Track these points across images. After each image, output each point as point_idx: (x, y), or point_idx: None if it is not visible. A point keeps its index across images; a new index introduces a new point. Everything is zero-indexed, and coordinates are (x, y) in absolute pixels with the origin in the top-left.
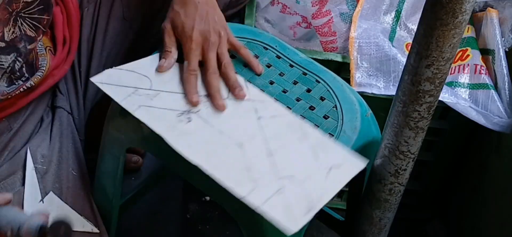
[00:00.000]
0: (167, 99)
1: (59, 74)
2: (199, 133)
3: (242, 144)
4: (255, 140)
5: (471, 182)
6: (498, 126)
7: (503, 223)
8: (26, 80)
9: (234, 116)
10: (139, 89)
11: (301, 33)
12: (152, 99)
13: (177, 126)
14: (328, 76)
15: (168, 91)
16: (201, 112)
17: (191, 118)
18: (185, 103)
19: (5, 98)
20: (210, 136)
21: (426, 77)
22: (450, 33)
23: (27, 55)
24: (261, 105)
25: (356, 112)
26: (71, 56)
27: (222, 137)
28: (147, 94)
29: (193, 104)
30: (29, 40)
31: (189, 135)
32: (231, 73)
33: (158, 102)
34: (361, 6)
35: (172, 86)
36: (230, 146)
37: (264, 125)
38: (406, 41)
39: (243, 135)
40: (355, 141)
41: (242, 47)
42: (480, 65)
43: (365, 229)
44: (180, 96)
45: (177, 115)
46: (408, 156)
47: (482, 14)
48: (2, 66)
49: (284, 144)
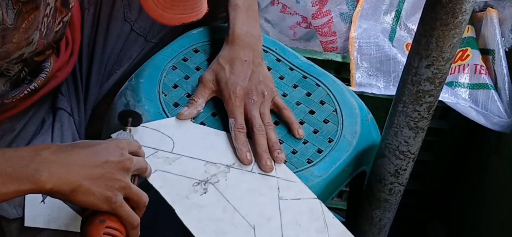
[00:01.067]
0: (187, 165)
1: (62, 76)
2: (212, 208)
3: (255, 227)
4: (270, 224)
5: (471, 182)
6: (498, 126)
7: (503, 223)
8: (30, 82)
9: (255, 193)
10: (159, 151)
11: (301, 33)
12: (170, 163)
13: (190, 197)
14: (328, 79)
15: (188, 157)
16: (220, 183)
17: (207, 189)
18: (203, 171)
19: (10, 101)
20: (223, 214)
21: (426, 77)
22: (450, 33)
23: (33, 66)
24: (285, 184)
25: (356, 116)
26: (73, 58)
27: (235, 216)
28: (167, 157)
29: (246, 163)
30: (38, 53)
31: (201, 208)
32: (272, 134)
33: (177, 167)
34: (361, 6)
35: (195, 152)
36: (243, 228)
37: (283, 208)
38: (406, 41)
39: (258, 217)
40: (355, 146)
41: (285, 108)
42: (480, 65)
43: (365, 229)
44: (200, 164)
45: (194, 184)
46: (408, 156)
47: (482, 14)
48: (8, 74)
49: (299, 235)
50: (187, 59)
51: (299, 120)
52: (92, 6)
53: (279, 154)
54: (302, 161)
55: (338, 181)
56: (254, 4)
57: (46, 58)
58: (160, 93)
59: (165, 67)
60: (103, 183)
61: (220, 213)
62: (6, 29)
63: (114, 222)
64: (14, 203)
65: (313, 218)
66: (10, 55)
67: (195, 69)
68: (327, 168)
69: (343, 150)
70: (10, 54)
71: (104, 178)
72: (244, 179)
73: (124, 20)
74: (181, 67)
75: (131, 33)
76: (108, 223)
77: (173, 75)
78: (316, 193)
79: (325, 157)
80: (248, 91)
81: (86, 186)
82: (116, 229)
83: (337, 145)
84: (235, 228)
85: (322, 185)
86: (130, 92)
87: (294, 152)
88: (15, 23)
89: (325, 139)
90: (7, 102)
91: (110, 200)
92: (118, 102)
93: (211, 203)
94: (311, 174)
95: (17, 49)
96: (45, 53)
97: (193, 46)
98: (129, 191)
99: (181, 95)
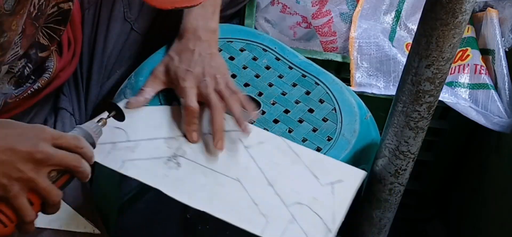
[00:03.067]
0: (148, 147)
1: (64, 76)
2: (194, 177)
3: (240, 179)
4: (250, 173)
5: (471, 182)
6: (498, 126)
7: (503, 223)
8: (33, 82)
9: (224, 152)
10: (117, 143)
11: (301, 33)
12: (133, 151)
13: (169, 174)
14: (327, 78)
15: (146, 139)
16: (188, 153)
17: (179, 163)
18: (166, 147)
19: (13, 100)
20: (206, 178)
21: (426, 77)
22: (450, 33)
23: (37, 62)
24: (247, 136)
25: (355, 114)
26: (76, 58)
27: (218, 176)
28: (126, 146)
29: (191, 141)
30: (41, 48)
31: (182, 181)
32: (235, 106)
33: (141, 153)
34: (361, 6)
35: (148, 133)
36: (229, 184)
37: (254, 155)
38: (406, 41)
39: (237, 170)
40: (354, 144)
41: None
42: (480, 65)
43: (365, 229)
44: (160, 142)
45: (164, 162)
46: (408, 156)
47: (482, 14)
48: (12, 70)
49: (280, 171)
50: None
51: (298, 119)
52: (92, 6)
53: (246, 128)
54: None
55: None
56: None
57: (50, 54)
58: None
59: None
60: (1, 170)
61: (203, 178)
62: (3, 15)
63: (7, 208)
64: None
65: (283, 153)
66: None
67: None
68: None
69: (342, 148)
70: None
71: (4, 165)
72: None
73: (124, 20)
74: None
75: (131, 33)
76: (0, 207)
77: None
78: None
79: None
80: (199, 75)
81: None
82: (6, 215)
83: (336, 143)
84: (222, 187)
85: None
86: (129, 90)
87: None
88: (13, 9)
89: (324, 137)
90: (10, 101)
91: (5, 187)
92: (117, 101)
93: (190, 173)
94: None
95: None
96: (50, 49)
97: None
98: (33, 184)
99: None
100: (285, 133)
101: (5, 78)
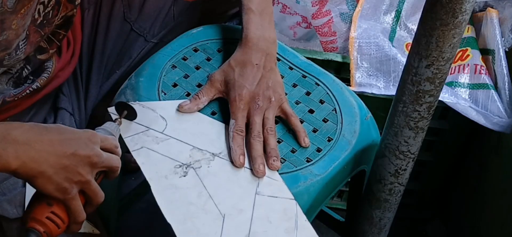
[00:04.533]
0: (173, 147)
1: (63, 76)
2: (187, 192)
3: (225, 216)
4: (240, 216)
5: (471, 182)
6: (498, 126)
7: (503, 223)
8: (32, 82)
9: (233, 184)
10: (151, 130)
11: (301, 33)
12: (158, 143)
13: (169, 177)
14: (327, 78)
15: (177, 140)
16: (201, 169)
17: (187, 173)
18: (188, 155)
19: (12, 100)
20: (197, 199)
21: (426, 77)
22: (450, 33)
23: (36, 64)
24: (266, 180)
25: (356, 115)
26: (75, 58)
27: (208, 203)
28: (156, 136)
29: (238, 165)
30: (40, 51)
31: (176, 190)
32: (271, 140)
33: (163, 148)
34: (361, 6)
35: (185, 136)
36: (211, 215)
37: (258, 203)
38: (406, 41)
39: (231, 207)
40: (355, 145)
41: (293, 116)
42: (480, 65)
43: (365, 229)
44: (187, 148)
45: (175, 166)
46: (408, 156)
47: (482, 14)
48: (10, 71)
49: (267, 230)
50: (186, 58)
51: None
52: (92, 6)
53: (275, 162)
54: (301, 160)
55: (338, 180)
56: (268, 7)
57: (49, 57)
58: (159, 92)
59: (164, 66)
60: (64, 174)
61: (194, 197)
62: (5, 13)
63: (61, 210)
64: (15, 203)
65: (285, 217)
66: (11, 45)
67: (195, 68)
68: (326, 167)
69: (342, 149)
70: (11, 43)
71: (67, 170)
72: (226, 169)
73: (124, 20)
74: (181, 66)
75: (131, 33)
76: (54, 209)
77: (173, 74)
78: (315, 192)
79: (324, 156)
80: (255, 95)
81: (48, 174)
82: (59, 217)
83: (336, 144)
84: (204, 214)
85: (321, 183)
86: (129, 91)
87: (293, 151)
88: (14, 7)
89: (324, 138)
90: (8, 100)
91: (65, 191)
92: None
93: (188, 187)
94: (310, 173)
95: (16, 37)
96: (49, 52)
97: (192, 45)
98: (87, 186)
99: (180, 94)
100: (285, 134)
101: (3, 78)
